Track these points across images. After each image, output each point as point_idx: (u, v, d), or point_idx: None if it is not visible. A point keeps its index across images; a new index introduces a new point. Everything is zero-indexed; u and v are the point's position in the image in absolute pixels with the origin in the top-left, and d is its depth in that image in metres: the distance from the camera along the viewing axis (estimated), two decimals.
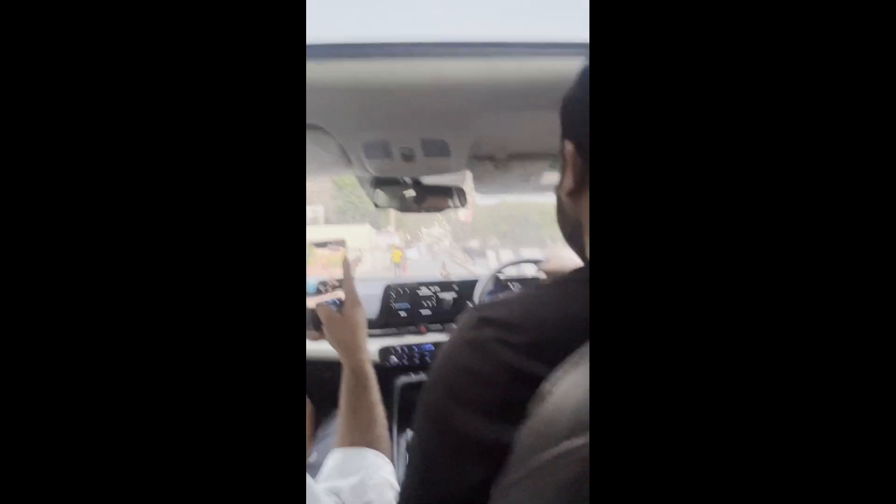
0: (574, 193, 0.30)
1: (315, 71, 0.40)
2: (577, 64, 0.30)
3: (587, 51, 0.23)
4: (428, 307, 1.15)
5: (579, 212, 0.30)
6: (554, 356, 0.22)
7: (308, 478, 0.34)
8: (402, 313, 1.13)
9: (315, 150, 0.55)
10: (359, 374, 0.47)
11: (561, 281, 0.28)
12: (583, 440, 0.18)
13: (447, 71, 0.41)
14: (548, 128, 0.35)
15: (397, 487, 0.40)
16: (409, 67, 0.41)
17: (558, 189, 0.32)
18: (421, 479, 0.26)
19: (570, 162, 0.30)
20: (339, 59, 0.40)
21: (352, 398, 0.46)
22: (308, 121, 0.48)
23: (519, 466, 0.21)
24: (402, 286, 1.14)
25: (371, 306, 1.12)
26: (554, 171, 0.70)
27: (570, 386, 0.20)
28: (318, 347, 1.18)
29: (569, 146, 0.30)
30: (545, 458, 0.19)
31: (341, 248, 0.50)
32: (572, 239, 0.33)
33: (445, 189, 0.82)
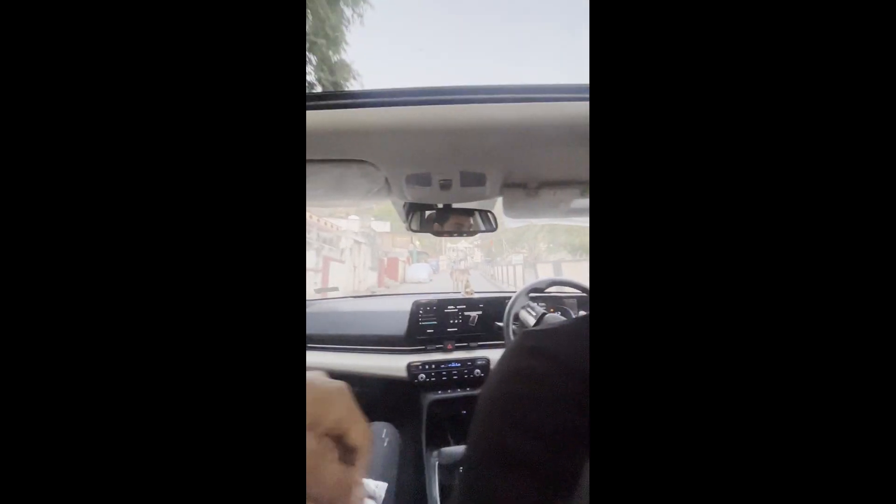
0: None
1: (365, 115, 0.44)
2: None
3: None
4: (454, 325, 1.17)
5: None
6: None
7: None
8: (430, 330, 1.16)
9: (361, 182, 0.60)
10: None
11: None
12: None
13: (486, 113, 0.45)
14: (578, 160, 0.38)
15: None
16: (450, 111, 0.45)
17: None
18: (477, 498, 0.28)
19: None
20: (388, 104, 0.44)
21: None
22: (360, 158, 0.53)
23: None
24: (430, 303, 1.17)
25: (399, 322, 1.16)
26: (584, 197, 0.72)
27: None
28: (344, 361, 1.20)
29: None
30: None
31: None
32: None
33: (474, 212, 0.85)
